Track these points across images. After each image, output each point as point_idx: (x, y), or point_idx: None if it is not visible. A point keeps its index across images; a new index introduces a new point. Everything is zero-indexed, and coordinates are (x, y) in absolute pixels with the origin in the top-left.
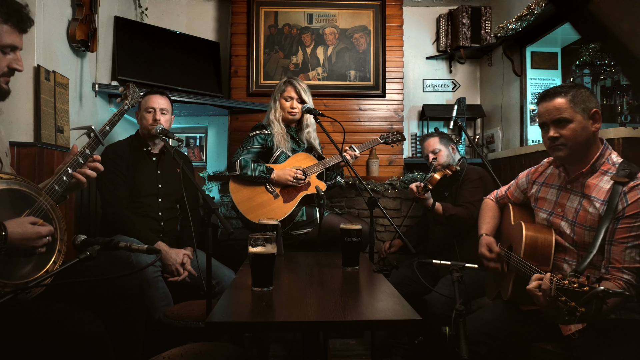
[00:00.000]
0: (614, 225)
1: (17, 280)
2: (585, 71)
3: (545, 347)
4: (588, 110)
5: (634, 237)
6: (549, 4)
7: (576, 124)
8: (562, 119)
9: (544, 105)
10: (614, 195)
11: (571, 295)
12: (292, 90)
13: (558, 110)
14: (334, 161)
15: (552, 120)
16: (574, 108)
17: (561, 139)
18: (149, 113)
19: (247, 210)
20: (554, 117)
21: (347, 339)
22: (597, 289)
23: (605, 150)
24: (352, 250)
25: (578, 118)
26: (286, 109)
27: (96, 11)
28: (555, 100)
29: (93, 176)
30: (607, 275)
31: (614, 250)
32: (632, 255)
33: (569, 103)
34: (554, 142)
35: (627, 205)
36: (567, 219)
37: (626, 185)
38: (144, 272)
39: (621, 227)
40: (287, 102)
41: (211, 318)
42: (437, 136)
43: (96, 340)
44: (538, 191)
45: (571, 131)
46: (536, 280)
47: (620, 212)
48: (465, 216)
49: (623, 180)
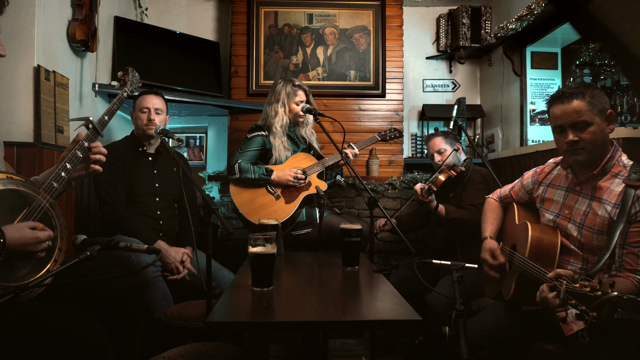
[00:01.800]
0: (626, 229)
1: (16, 281)
2: (585, 71)
3: (546, 348)
4: (604, 112)
5: None
6: (549, 4)
7: (596, 127)
8: (582, 122)
9: (560, 107)
10: (626, 199)
11: (581, 299)
12: (304, 94)
13: (578, 113)
14: (333, 160)
15: (571, 123)
16: (593, 110)
17: (581, 143)
18: (144, 113)
19: (250, 213)
20: (573, 120)
21: (347, 339)
22: (611, 294)
23: (616, 152)
24: (352, 250)
25: (597, 121)
26: (298, 113)
27: (96, 11)
28: (574, 103)
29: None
30: (618, 274)
31: (626, 255)
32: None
33: (587, 105)
34: (573, 146)
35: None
36: (575, 221)
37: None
38: (144, 272)
39: (633, 231)
40: (298, 106)
41: (211, 318)
42: (441, 135)
43: (96, 342)
44: (545, 192)
45: (591, 134)
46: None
47: (633, 216)
48: (468, 219)
49: (636, 184)
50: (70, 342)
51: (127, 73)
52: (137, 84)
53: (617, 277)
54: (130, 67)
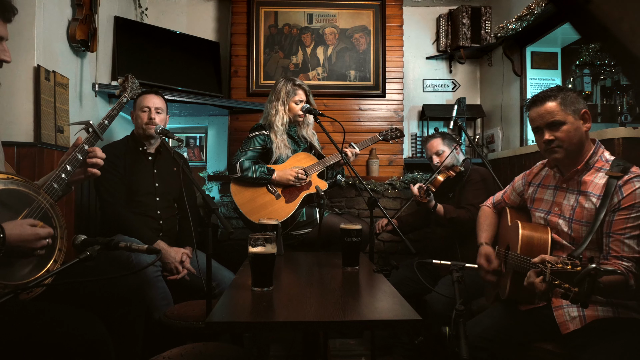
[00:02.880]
0: (611, 217)
1: (17, 281)
2: (585, 71)
3: (545, 347)
4: (578, 111)
5: (631, 228)
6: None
7: (569, 126)
8: (555, 121)
9: (535, 110)
10: (609, 189)
11: (565, 277)
12: (303, 93)
13: (550, 114)
14: (334, 160)
15: (546, 123)
16: (565, 110)
17: (556, 141)
18: (144, 112)
19: (250, 212)
20: (547, 120)
21: (347, 339)
22: (589, 267)
23: (598, 149)
24: (352, 250)
25: (570, 119)
26: (297, 113)
27: (96, 11)
28: (547, 104)
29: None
30: (606, 262)
31: (612, 243)
32: (631, 245)
33: (559, 106)
34: (550, 144)
35: (622, 197)
36: (564, 217)
37: (620, 179)
38: (144, 272)
39: (618, 219)
40: (297, 105)
41: (211, 318)
42: (439, 137)
43: (98, 342)
44: (534, 192)
45: (565, 133)
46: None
47: (616, 204)
48: (467, 218)
49: (617, 175)
50: (72, 341)
51: (127, 80)
52: (136, 90)
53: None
54: (130, 74)
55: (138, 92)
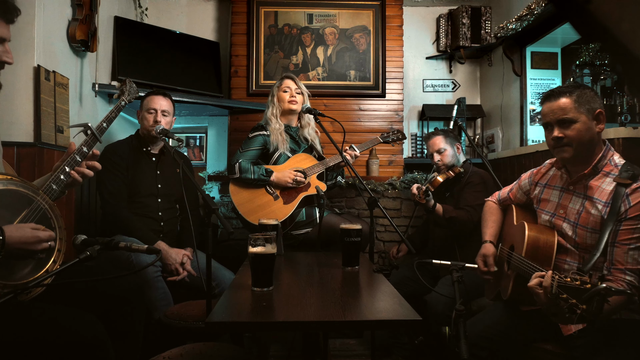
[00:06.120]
0: (617, 227)
1: (17, 281)
2: (585, 71)
3: (545, 348)
4: (592, 111)
5: (637, 239)
6: (549, 4)
7: (581, 125)
8: (567, 119)
9: (548, 105)
10: (616, 197)
11: (572, 292)
12: (290, 81)
13: (563, 110)
14: (334, 161)
15: (557, 120)
16: (579, 108)
17: (565, 140)
18: (151, 114)
19: (248, 212)
20: (558, 117)
21: (347, 339)
22: (599, 286)
23: (608, 152)
24: (352, 250)
25: (582, 118)
26: (285, 100)
27: (96, 11)
28: (560, 100)
29: (90, 175)
30: (609, 276)
31: (616, 252)
32: (635, 257)
33: (573, 103)
34: (559, 142)
35: (629, 207)
36: (569, 221)
37: (629, 187)
38: (144, 272)
39: (624, 229)
40: (285, 93)
41: (211, 318)
42: (442, 135)
43: (97, 342)
44: (541, 192)
45: (576, 131)
46: (537, 278)
47: (622, 214)
48: (466, 219)
49: (626, 182)
50: (71, 342)
51: (125, 84)
52: (134, 94)
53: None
54: (128, 79)
55: (136, 95)
